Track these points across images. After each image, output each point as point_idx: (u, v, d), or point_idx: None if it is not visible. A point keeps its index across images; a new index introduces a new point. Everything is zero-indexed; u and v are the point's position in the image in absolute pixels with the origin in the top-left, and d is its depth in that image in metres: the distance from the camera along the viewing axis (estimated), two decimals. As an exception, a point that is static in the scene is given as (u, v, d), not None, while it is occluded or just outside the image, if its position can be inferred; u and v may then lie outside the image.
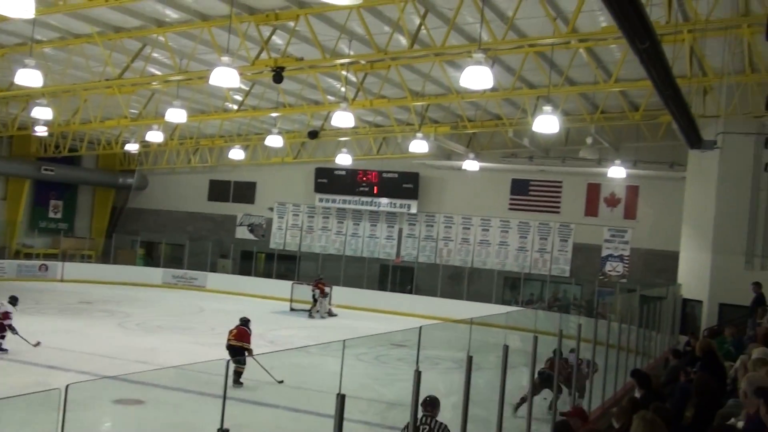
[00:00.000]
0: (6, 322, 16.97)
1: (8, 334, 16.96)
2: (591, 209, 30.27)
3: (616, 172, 26.47)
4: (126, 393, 12.69)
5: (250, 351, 15.63)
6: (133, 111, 27.31)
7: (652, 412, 6.32)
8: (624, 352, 13.75)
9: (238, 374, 14.36)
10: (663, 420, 6.27)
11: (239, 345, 15.71)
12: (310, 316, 27.48)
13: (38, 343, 17.07)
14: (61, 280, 33.10)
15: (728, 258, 21.81)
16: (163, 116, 23.88)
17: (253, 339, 16.43)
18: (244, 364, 14.57)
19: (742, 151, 21.37)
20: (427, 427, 7.26)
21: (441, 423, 7.44)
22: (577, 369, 11.40)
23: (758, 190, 21.77)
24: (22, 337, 16.84)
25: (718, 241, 22.14)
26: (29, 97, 25.61)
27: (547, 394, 11.17)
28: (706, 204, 22.65)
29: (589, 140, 24.82)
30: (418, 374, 6.00)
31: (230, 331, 16.16)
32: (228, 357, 14.83)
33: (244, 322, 16.41)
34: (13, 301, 17.76)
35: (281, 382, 14.43)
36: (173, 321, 24.36)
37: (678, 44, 15.72)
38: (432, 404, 7.53)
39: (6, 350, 16.84)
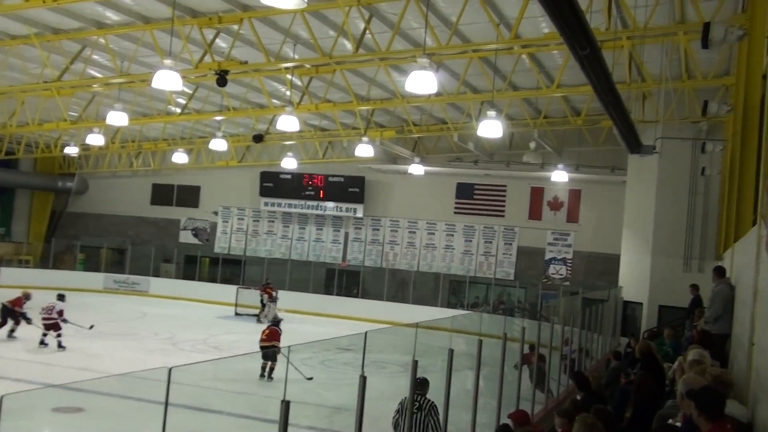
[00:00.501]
0: (62, 319, 19.06)
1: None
2: (535, 213, 30.65)
3: (559, 176, 26.87)
4: (66, 401, 12.41)
5: (278, 349, 16.15)
6: (72, 114, 26.76)
7: (593, 415, 6.43)
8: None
9: (270, 370, 15.96)
10: (603, 422, 6.38)
11: (270, 344, 16.55)
12: (259, 320, 27.26)
13: (92, 326, 20.08)
14: (-2, 286, 32.21)
15: (667, 261, 22.32)
16: (104, 119, 23.42)
17: (196, 344, 16.25)
18: (275, 360, 15.69)
19: (680, 156, 21.88)
20: (417, 404, 8.18)
21: (429, 400, 8.40)
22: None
23: (695, 194, 22.32)
24: (76, 325, 19.21)
25: (657, 244, 22.64)
26: (-36, 98, 24.93)
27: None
28: (646, 208, 23.14)
29: (532, 145, 25.14)
30: (363, 379, 5.98)
31: (263, 332, 17.11)
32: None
33: (276, 322, 16.92)
34: (62, 298, 19.91)
35: (311, 378, 14.53)
36: (115, 327, 23.86)
37: (617, 51, 16.04)
38: (422, 384, 8.44)
39: (64, 348, 18.69)
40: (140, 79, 20.90)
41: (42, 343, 19.02)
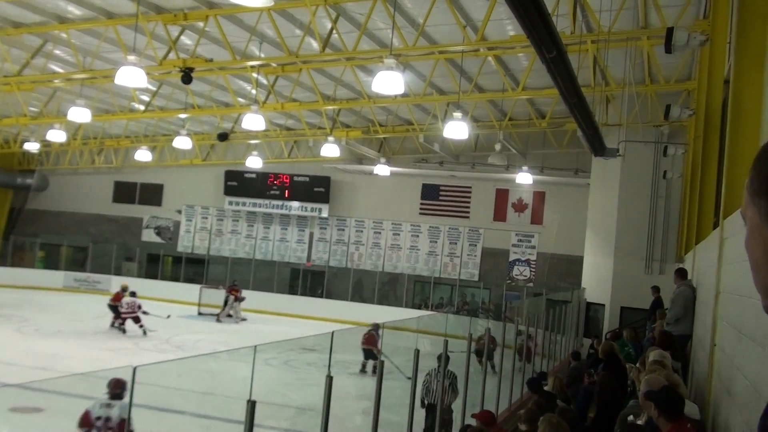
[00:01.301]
0: (142, 311, 22.08)
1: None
2: (499, 214, 30.82)
3: (524, 178, 27.06)
4: (23, 401, 12.20)
5: (378, 351, 16.51)
6: (33, 109, 26.33)
7: (558, 415, 6.47)
8: (530, 355, 14.05)
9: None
10: (567, 421, 6.43)
11: (368, 348, 17.26)
12: (218, 320, 27.09)
13: (169, 316, 23.03)
14: (-46, 285, 31.58)
15: (629, 262, 22.59)
16: (66, 115, 23.08)
17: (158, 344, 16.07)
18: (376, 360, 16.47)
19: (643, 159, 22.15)
20: (441, 373, 9.49)
21: (451, 371, 9.85)
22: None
23: (657, 197, 22.61)
24: (154, 315, 21.78)
25: (620, 246, 22.90)
26: None
27: None
28: (609, 210, 23.40)
29: (497, 146, 25.28)
30: (329, 379, 5.97)
31: (363, 335, 17.60)
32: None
33: (375, 327, 17.30)
34: (134, 294, 22.75)
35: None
36: (75, 325, 23.54)
37: (582, 54, 16.21)
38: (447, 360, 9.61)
39: (146, 333, 21.81)
40: (103, 75, 20.62)
41: (121, 329, 22.51)
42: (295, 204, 33.22)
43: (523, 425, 7.69)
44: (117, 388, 8.54)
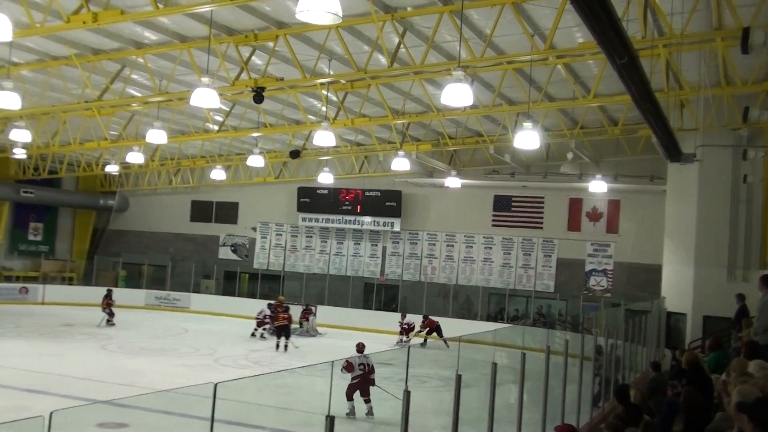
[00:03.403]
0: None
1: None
2: (573, 224, 30.38)
3: (597, 186, 26.60)
4: (110, 417, 12.54)
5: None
6: (113, 132, 27.16)
7: (642, 429, 6.32)
8: (611, 367, 13.77)
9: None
10: (652, 435, 6.27)
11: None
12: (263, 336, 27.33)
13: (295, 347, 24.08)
14: (42, 303, 32.76)
15: (711, 270, 21.92)
16: (144, 137, 23.78)
17: (237, 359, 16.33)
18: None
19: (721, 164, 21.54)
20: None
21: None
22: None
23: (738, 202, 21.92)
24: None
25: (700, 253, 22.26)
26: (7, 119, 25.39)
27: None
28: (687, 217, 22.79)
29: (569, 155, 24.94)
30: (407, 394, 5.96)
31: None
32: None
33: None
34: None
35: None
36: (157, 343, 24.14)
37: (654, 59, 15.86)
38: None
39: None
40: (178, 97, 21.18)
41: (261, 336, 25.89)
42: (367, 219, 33.40)
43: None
44: (361, 348, 16.44)
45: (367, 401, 14.02)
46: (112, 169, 32.67)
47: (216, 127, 25.98)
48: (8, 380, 16.30)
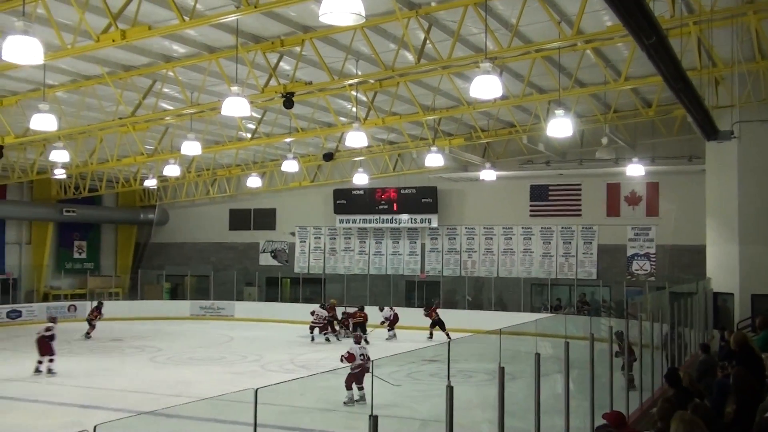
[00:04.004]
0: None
1: None
2: (613, 209, 30.10)
3: (635, 170, 26.27)
4: (159, 427, 12.69)
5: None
6: (148, 147, 27.53)
7: (691, 412, 6.23)
8: (658, 351, 13.60)
9: None
10: (702, 418, 6.18)
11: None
12: (337, 338, 27.40)
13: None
14: (91, 320, 33.27)
15: (756, 248, 21.55)
16: (179, 150, 24.08)
17: (283, 364, 16.44)
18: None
19: (760, 139, 21.15)
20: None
21: None
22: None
23: (780, 176, 21.53)
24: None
25: (744, 231, 21.89)
26: (46, 141, 25.91)
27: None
28: (729, 195, 22.43)
29: (604, 140, 24.66)
30: (450, 389, 5.95)
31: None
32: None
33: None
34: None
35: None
36: (204, 352, 24.40)
37: (685, 37, 15.62)
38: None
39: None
40: (210, 108, 21.37)
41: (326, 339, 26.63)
42: (405, 217, 33.41)
43: (659, 423, 7.43)
44: (359, 340, 17.25)
45: (361, 388, 14.93)
46: (150, 183, 33.13)
47: (249, 135, 26.18)
48: (64, 397, 16.63)
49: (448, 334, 25.72)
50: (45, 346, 19.56)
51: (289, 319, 31.47)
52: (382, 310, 28.03)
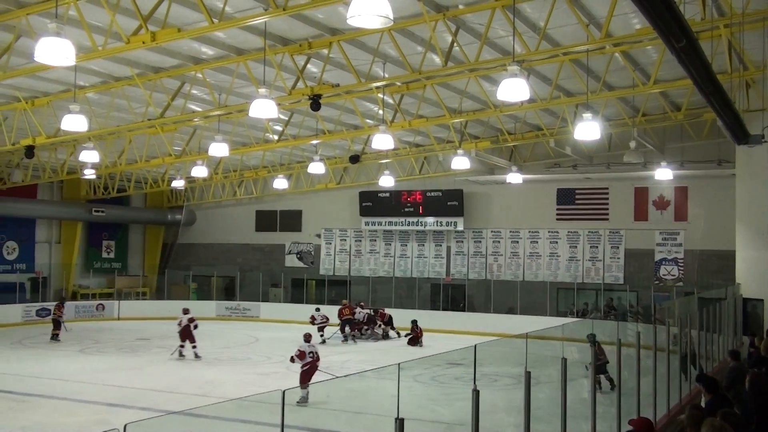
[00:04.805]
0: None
1: None
2: (640, 214, 29.85)
3: (663, 174, 26.04)
4: (186, 427, 12.78)
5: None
6: (176, 148, 27.76)
7: (721, 419, 6.16)
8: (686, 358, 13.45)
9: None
10: (732, 425, 6.10)
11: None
12: (353, 340, 27.42)
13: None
14: (118, 319, 33.64)
15: (787, 253, 21.25)
16: (207, 151, 24.24)
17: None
18: None
19: (792, 143, 20.86)
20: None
21: None
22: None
23: (811, 181, 21.21)
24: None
25: (775, 237, 21.60)
26: (76, 141, 26.23)
27: None
28: (760, 199, 22.15)
29: (632, 144, 24.47)
30: (476, 393, 5.93)
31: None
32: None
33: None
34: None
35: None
36: (230, 353, 24.53)
37: (715, 40, 15.46)
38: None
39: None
40: (238, 109, 21.51)
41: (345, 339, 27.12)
42: (430, 219, 33.38)
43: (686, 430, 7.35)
44: (308, 338, 17.31)
45: (304, 388, 15.49)
46: (178, 184, 33.43)
47: (276, 137, 26.30)
48: (91, 395, 16.78)
49: (398, 333, 28.04)
50: (189, 333, 22.52)
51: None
52: (358, 306, 28.73)
